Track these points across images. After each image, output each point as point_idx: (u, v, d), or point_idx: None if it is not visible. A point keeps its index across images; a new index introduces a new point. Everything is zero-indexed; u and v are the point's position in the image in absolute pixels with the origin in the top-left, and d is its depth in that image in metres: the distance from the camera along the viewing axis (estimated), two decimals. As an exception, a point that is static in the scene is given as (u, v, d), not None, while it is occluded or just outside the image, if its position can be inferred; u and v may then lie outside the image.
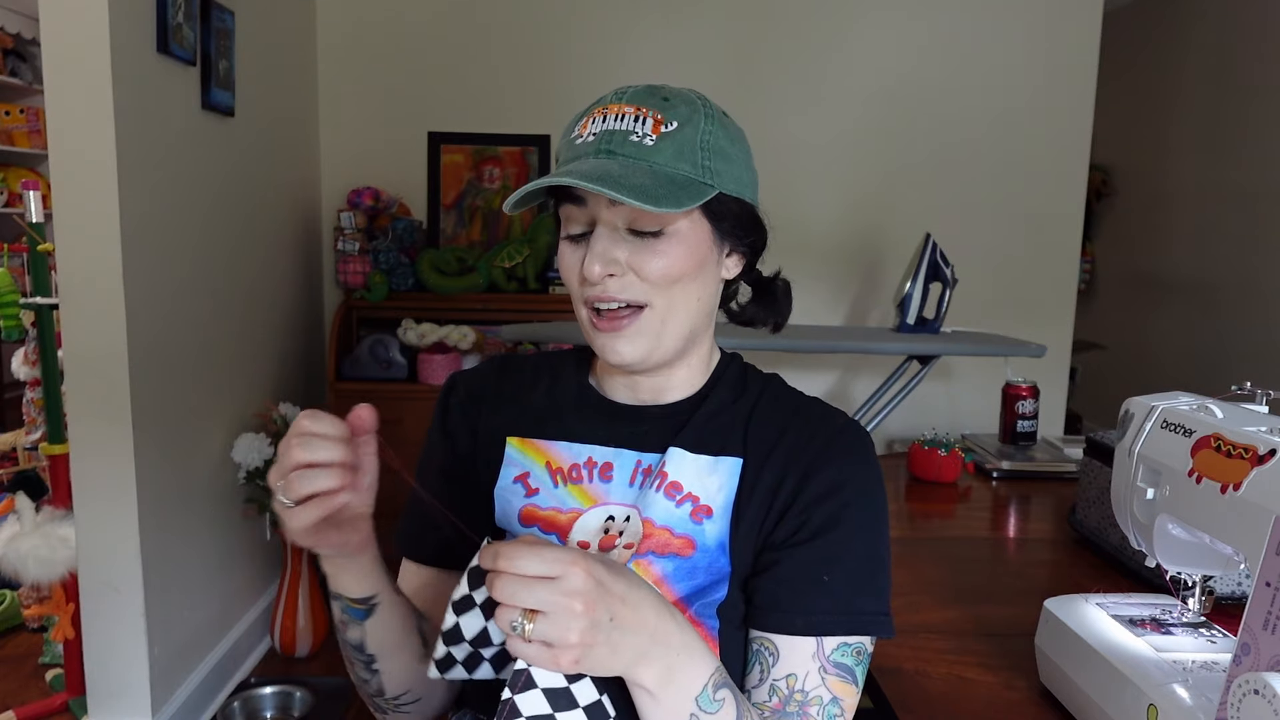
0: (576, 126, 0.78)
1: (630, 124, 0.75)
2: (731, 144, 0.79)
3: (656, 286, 0.77)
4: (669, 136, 0.75)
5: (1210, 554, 0.88)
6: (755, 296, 0.90)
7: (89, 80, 1.79)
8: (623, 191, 0.69)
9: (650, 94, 0.78)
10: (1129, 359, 4.81)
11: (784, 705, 0.74)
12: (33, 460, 2.73)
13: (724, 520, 0.79)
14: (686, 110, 0.77)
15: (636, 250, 0.76)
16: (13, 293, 2.26)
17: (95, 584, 1.96)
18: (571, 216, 0.79)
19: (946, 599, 1.21)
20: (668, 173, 0.74)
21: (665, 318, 0.78)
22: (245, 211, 2.48)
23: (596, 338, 0.79)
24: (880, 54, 3.06)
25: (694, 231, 0.78)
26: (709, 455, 0.81)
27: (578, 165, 0.74)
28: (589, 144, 0.76)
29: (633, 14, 3.03)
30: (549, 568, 0.60)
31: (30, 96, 4.57)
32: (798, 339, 2.50)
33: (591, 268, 0.75)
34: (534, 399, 0.89)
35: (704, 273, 0.79)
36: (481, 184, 3.08)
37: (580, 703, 0.64)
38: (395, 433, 3.16)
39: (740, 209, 0.81)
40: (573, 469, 0.83)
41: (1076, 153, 3.13)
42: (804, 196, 3.08)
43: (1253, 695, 0.65)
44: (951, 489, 1.75)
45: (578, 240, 0.79)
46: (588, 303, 0.78)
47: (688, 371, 0.85)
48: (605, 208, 0.76)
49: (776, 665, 0.75)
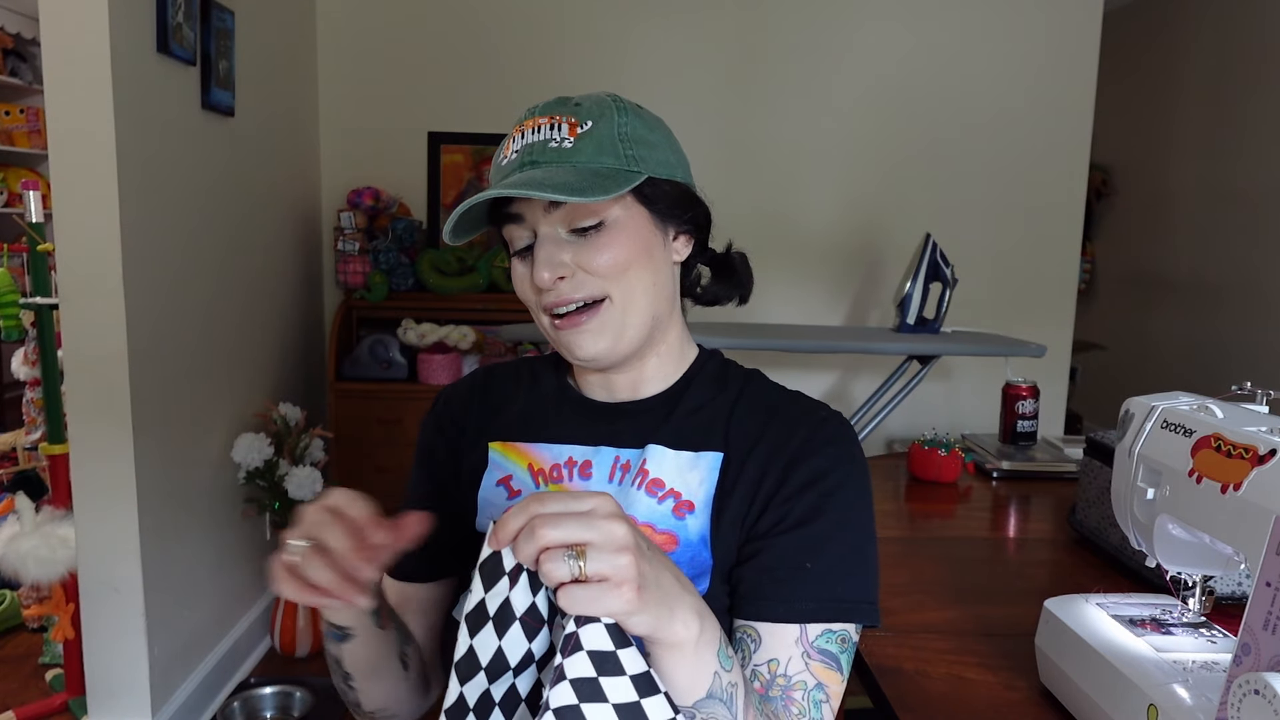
0: (500, 151, 0.81)
1: (547, 133, 0.78)
2: (650, 131, 0.81)
3: (608, 279, 0.78)
4: (586, 136, 0.77)
5: (1210, 554, 0.88)
6: (714, 274, 0.91)
7: (89, 80, 1.79)
8: (548, 190, 0.71)
9: (561, 103, 0.80)
10: (1129, 359, 4.81)
11: (766, 690, 0.73)
12: (33, 460, 2.73)
13: (705, 515, 0.79)
14: (598, 109, 0.79)
15: (580, 249, 0.78)
16: (13, 293, 2.26)
17: (95, 584, 1.96)
18: (514, 236, 0.81)
19: (946, 599, 1.21)
20: (591, 168, 0.76)
21: (625, 307, 0.79)
22: (245, 211, 2.48)
23: (560, 338, 0.80)
24: (880, 54, 3.06)
25: (631, 219, 0.79)
26: (690, 451, 0.81)
27: (504, 181, 0.77)
28: (513, 161, 0.78)
29: (633, 14, 3.03)
30: (578, 502, 0.58)
31: (30, 96, 4.57)
32: (798, 339, 2.50)
33: (540, 274, 0.77)
34: (515, 404, 0.90)
35: (652, 258, 0.81)
36: (481, 184, 3.08)
37: (627, 670, 0.59)
38: (395, 433, 3.15)
39: (673, 189, 0.82)
40: (553, 469, 0.84)
41: (1076, 152, 3.13)
42: (804, 196, 3.08)
43: (1253, 695, 0.65)
44: (951, 489, 1.75)
45: (524, 255, 0.81)
46: (546, 310, 0.80)
47: (659, 362, 0.86)
48: (542, 217, 0.78)
49: (758, 651, 0.75)
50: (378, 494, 0.73)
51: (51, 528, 2.11)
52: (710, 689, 0.64)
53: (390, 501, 0.78)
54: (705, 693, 0.64)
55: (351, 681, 0.81)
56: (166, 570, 2.06)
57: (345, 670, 0.80)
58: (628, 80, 3.00)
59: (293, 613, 2.52)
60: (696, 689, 0.64)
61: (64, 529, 2.09)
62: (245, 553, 2.54)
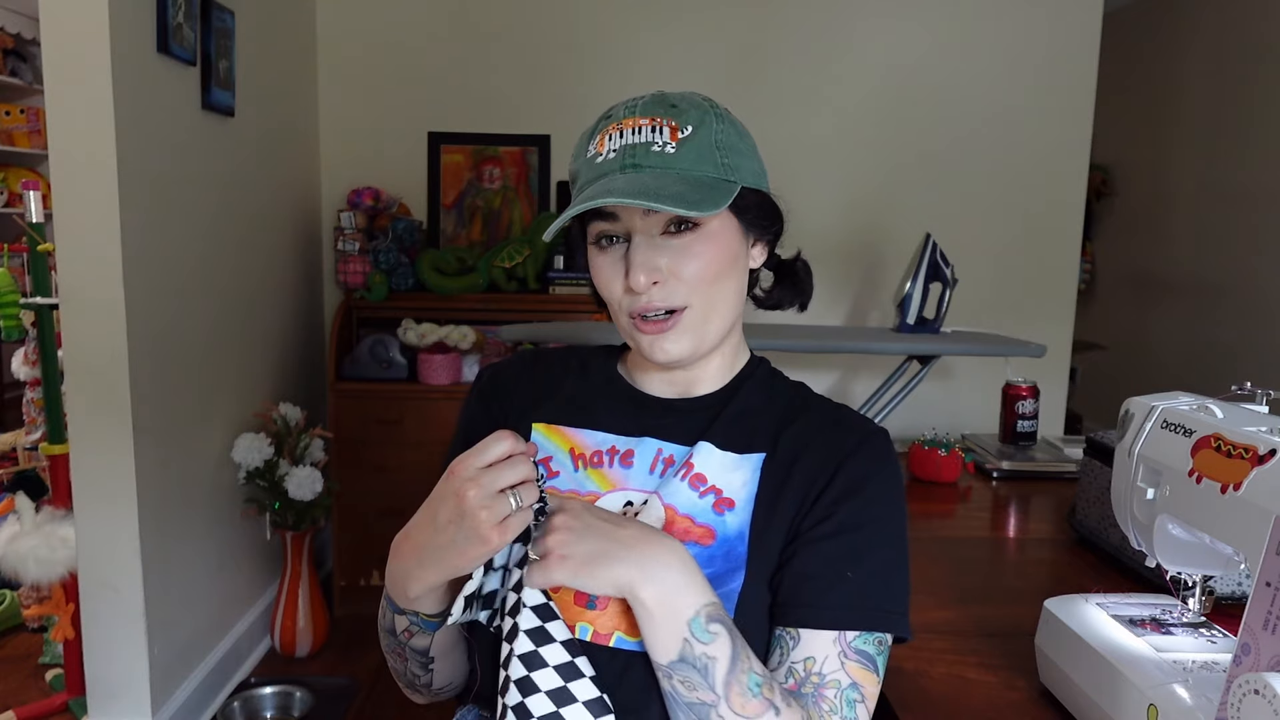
0: (591, 145, 0.80)
1: (648, 135, 0.78)
2: (741, 139, 0.82)
3: (696, 288, 0.79)
4: (687, 141, 0.77)
5: (1210, 554, 0.88)
6: (778, 279, 0.93)
7: (89, 80, 1.79)
8: (664, 201, 0.72)
9: (659, 103, 0.80)
10: (1129, 359, 4.81)
11: (800, 686, 0.75)
12: (33, 460, 2.73)
13: (746, 513, 0.80)
14: (697, 114, 0.79)
15: (673, 254, 0.79)
16: (13, 293, 2.26)
17: (95, 584, 1.96)
18: (603, 230, 0.81)
19: (946, 599, 1.21)
20: (695, 176, 0.77)
21: (706, 315, 0.81)
22: (245, 211, 2.48)
23: (642, 340, 0.81)
24: (880, 54, 3.06)
25: (724, 228, 0.80)
26: (735, 452, 0.83)
27: (607, 183, 0.76)
28: (611, 161, 0.78)
29: (633, 14, 3.02)
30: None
31: (30, 96, 4.57)
32: (797, 339, 2.50)
33: (636, 278, 0.78)
34: (563, 388, 0.91)
35: (736, 266, 0.82)
36: (481, 184, 3.08)
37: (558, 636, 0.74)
38: (395, 433, 3.15)
39: (760, 199, 0.84)
40: (594, 454, 0.85)
41: (1076, 152, 3.13)
42: (804, 196, 3.07)
43: (1253, 695, 0.65)
44: (951, 489, 1.75)
45: (605, 247, 0.81)
46: (632, 313, 0.80)
47: (719, 364, 0.88)
48: (640, 218, 0.78)
49: (796, 649, 0.76)
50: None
51: (51, 528, 2.11)
52: (681, 653, 0.71)
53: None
54: (677, 655, 0.71)
55: (432, 665, 0.84)
56: (166, 570, 2.06)
57: (430, 655, 0.83)
58: (627, 80, 3.00)
59: (293, 613, 2.52)
60: (668, 650, 0.71)
61: (64, 529, 2.09)
62: (245, 553, 2.53)
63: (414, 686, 0.89)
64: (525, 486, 0.71)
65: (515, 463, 0.71)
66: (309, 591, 2.54)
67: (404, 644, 0.82)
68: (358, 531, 2.76)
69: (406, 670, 0.86)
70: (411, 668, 0.85)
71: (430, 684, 0.87)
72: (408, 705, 1.08)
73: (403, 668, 0.86)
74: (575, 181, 0.82)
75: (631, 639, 0.76)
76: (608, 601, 0.77)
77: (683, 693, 0.71)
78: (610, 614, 0.77)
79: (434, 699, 0.91)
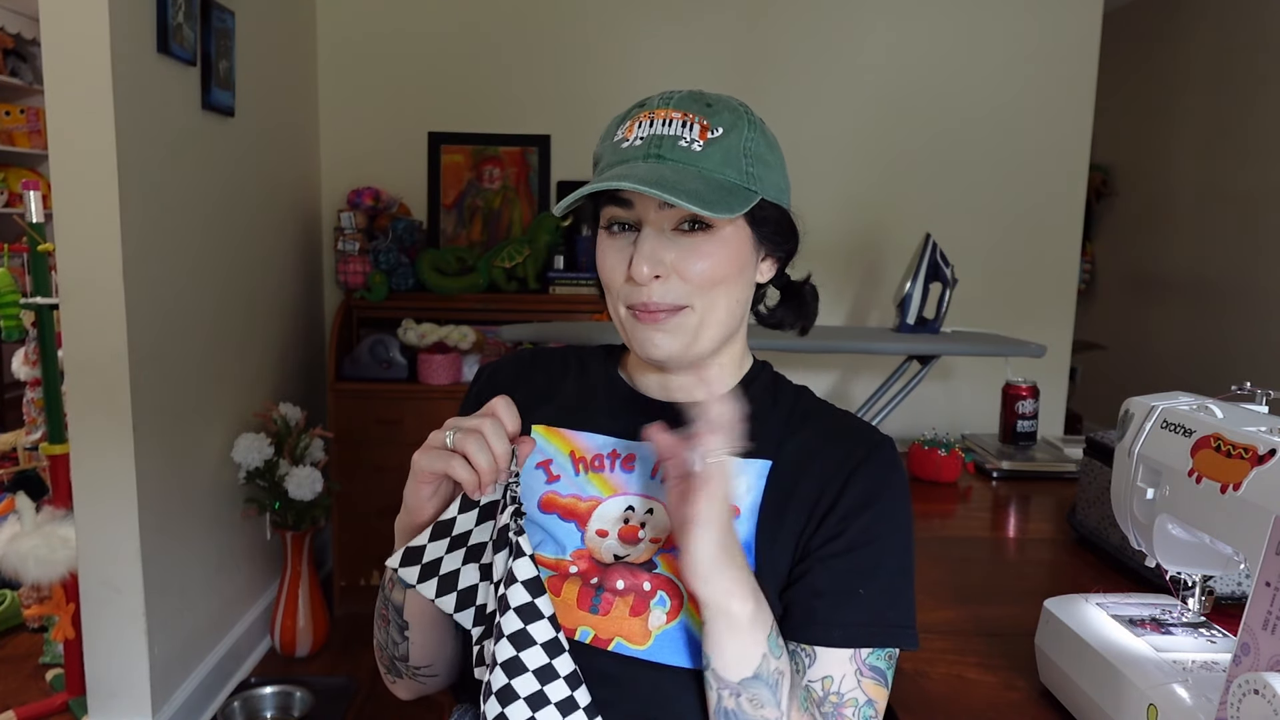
0: (620, 130, 0.79)
1: (678, 129, 0.77)
2: (770, 151, 0.81)
3: (698, 289, 0.78)
4: (715, 142, 0.77)
5: (1210, 554, 0.88)
6: (784, 300, 0.92)
7: (89, 80, 1.79)
8: (679, 195, 0.71)
9: (695, 100, 0.79)
10: (1129, 359, 4.81)
11: (819, 705, 0.76)
12: (33, 460, 2.74)
13: (750, 521, 0.80)
14: (731, 117, 0.79)
15: (681, 251, 0.78)
16: (13, 293, 2.26)
17: (95, 584, 1.96)
18: (615, 216, 0.80)
19: (946, 599, 1.21)
20: (716, 178, 0.76)
21: (704, 318, 0.79)
22: (245, 211, 2.48)
23: (636, 330, 0.80)
24: (880, 53, 3.06)
25: (736, 235, 0.79)
26: (739, 457, 0.81)
27: (628, 169, 0.75)
28: (636, 148, 0.77)
29: (633, 13, 3.03)
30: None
31: (30, 96, 4.57)
32: (798, 339, 2.50)
33: (640, 268, 0.77)
34: (563, 389, 0.90)
35: (742, 276, 0.81)
36: (482, 184, 3.08)
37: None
38: (395, 433, 3.15)
39: (779, 215, 0.83)
40: (595, 458, 0.84)
41: (1076, 153, 3.13)
42: (804, 196, 3.03)
43: (1253, 695, 0.65)
44: (951, 489, 1.75)
45: (615, 233, 0.80)
46: (629, 304, 0.80)
47: (719, 371, 0.86)
48: (654, 210, 0.77)
49: (813, 667, 0.77)
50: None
51: (51, 528, 2.11)
52: (758, 669, 0.70)
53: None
54: (752, 672, 0.69)
55: (407, 632, 0.83)
56: (166, 570, 2.06)
57: (404, 620, 0.82)
58: (627, 80, 3.01)
59: (293, 613, 2.52)
60: (744, 666, 0.70)
61: (64, 529, 2.09)
62: (245, 553, 2.54)
63: (394, 667, 0.87)
64: (471, 434, 0.73)
65: (496, 430, 0.73)
66: (309, 591, 2.54)
67: (387, 597, 0.83)
68: (358, 531, 2.76)
69: (388, 639, 0.85)
70: (391, 633, 0.84)
71: (407, 657, 0.85)
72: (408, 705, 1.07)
73: (385, 637, 0.85)
74: (598, 163, 0.82)
75: (632, 645, 0.75)
76: (610, 606, 0.76)
77: (747, 711, 0.71)
78: (612, 619, 0.76)
79: (414, 685, 0.89)
